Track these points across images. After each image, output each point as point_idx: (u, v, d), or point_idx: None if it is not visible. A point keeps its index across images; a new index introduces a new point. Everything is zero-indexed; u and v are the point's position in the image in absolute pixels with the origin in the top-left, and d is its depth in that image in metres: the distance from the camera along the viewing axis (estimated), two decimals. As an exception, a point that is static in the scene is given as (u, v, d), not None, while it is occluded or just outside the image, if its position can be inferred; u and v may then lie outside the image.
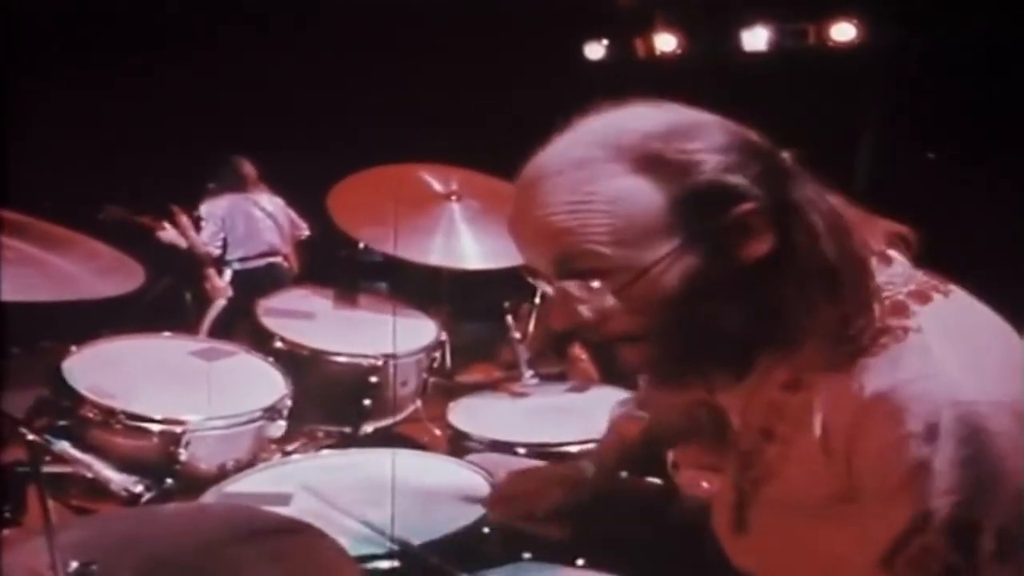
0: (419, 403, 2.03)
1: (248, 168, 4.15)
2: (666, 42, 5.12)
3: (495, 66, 4.72)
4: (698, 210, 0.79)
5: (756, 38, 4.86)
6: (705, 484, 1.88)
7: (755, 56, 4.87)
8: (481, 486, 1.30)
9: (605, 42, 5.46)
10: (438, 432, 1.95)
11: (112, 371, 1.61)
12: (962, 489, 0.74)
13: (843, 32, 4.54)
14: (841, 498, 0.82)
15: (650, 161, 0.80)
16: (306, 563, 0.91)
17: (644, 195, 0.80)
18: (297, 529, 0.96)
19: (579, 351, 3.00)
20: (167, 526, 0.98)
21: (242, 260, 4.10)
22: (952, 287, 0.85)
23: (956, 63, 3.98)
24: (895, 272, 0.85)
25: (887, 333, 0.80)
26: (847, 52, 4.53)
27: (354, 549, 1.01)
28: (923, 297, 0.83)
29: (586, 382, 2.21)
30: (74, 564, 0.82)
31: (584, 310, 0.83)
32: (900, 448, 0.76)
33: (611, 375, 2.80)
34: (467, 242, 2.12)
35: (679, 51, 5.12)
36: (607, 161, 0.80)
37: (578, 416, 1.92)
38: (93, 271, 1.15)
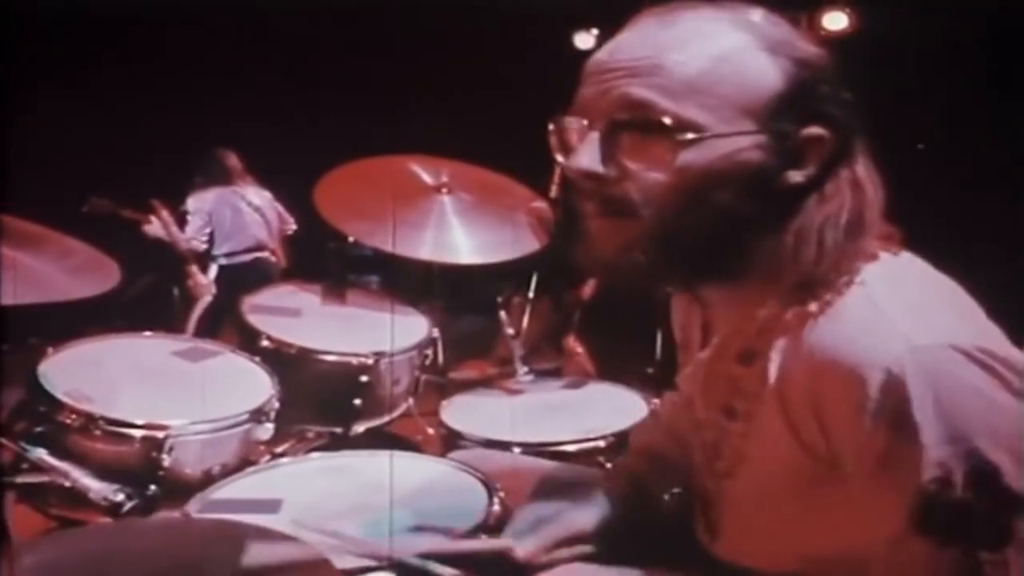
0: (411, 401, 1.97)
1: (233, 161, 4.08)
2: (656, 31, 5.08)
3: (485, 56, 4.66)
4: (782, 111, 0.79)
5: (747, 27, 4.82)
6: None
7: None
8: (479, 491, 1.25)
9: (595, 32, 5.40)
10: (431, 431, 1.90)
11: (91, 374, 1.54)
12: (958, 430, 0.71)
13: (835, 21, 4.50)
14: (821, 476, 0.79)
15: (783, 46, 0.80)
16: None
17: (762, 73, 0.79)
18: (284, 544, 0.90)
19: (575, 344, 2.97)
20: (145, 543, 0.92)
21: (228, 255, 4.03)
22: (902, 251, 0.84)
23: (951, 53, 3.96)
24: None
25: (829, 288, 0.78)
26: (839, 41, 4.49)
27: (347, 563, 0.96)
28: (870, 256, 0.81)
29: (582, 378, 2.17)
30: (42, 589, 0.77)
31: (605, 167, 0.80)
32: (868, 407, 0.73)
33: (608, 369, 2.77)
34: (459, 236, 2.07)
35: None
36: (741, 29, 0.80)
37: (575, 413, 1.88)
38: (65, 270, 1.08)
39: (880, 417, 0.72)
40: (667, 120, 0.77)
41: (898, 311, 0.76)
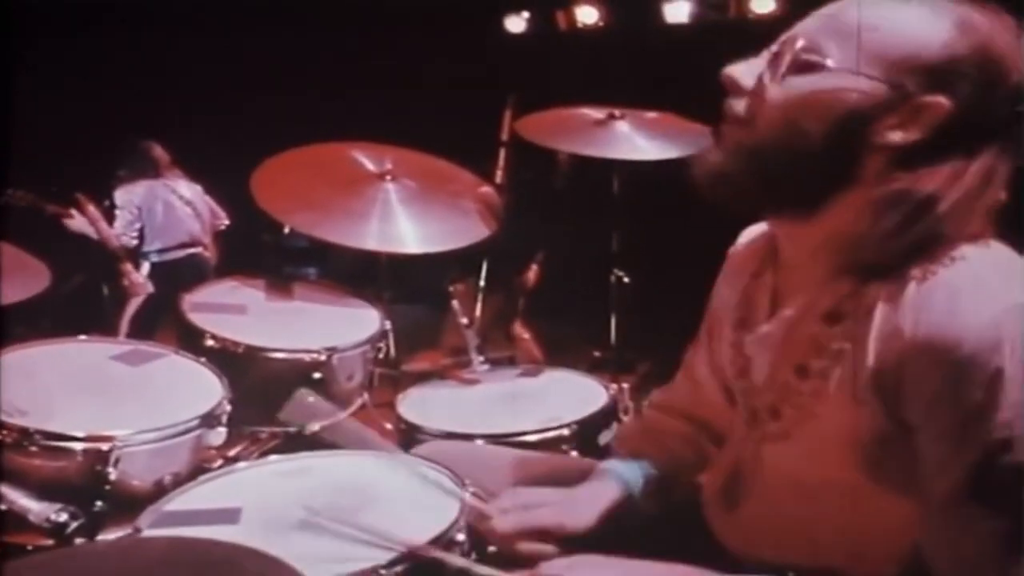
0: (366, 397, 1.92)
1: (159, 152, 3.90)
2: (588, 14, 5.09)
3: (417, 40, 4.57)
4: (915, 72, 0.82)
5: (678, 10, 4.88)
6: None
7: (677, 28, 4.88)
8: (448, 486, 1.21)
9: (526, 15, 5.37)
10: (388, 426, 1.86)
11: (23, 384, 1.43)
12: None
13: (763, 4, 4.60)
14: (884, 435, 0.81)
15: (968, 29, 0.83)
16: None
17: (917, 34, 0.83)
18: (251, 560, 0.85)
19: (521, 330, 2.95)
20: (93, 570, 0.84)
21: (161, 251, 3.87)
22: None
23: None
24: None
25: (935, 261, 0.80)
26: (768, 23, 4.58)
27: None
28: (972, 238, 0.83)
29: (537, 366, 2.15)
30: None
31: (749, 81, 0.89)
32: (962, 363, 0.75)
33: (556, 354, 2.76)
34: (405, 225, 2.02)
35: (601, 23, 5.09)
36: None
37: (533, 402, 1.86)
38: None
39: (971, 373, 0.75)
40: (800, 41, 0.84)
41: (1001, 281, 0.78)
